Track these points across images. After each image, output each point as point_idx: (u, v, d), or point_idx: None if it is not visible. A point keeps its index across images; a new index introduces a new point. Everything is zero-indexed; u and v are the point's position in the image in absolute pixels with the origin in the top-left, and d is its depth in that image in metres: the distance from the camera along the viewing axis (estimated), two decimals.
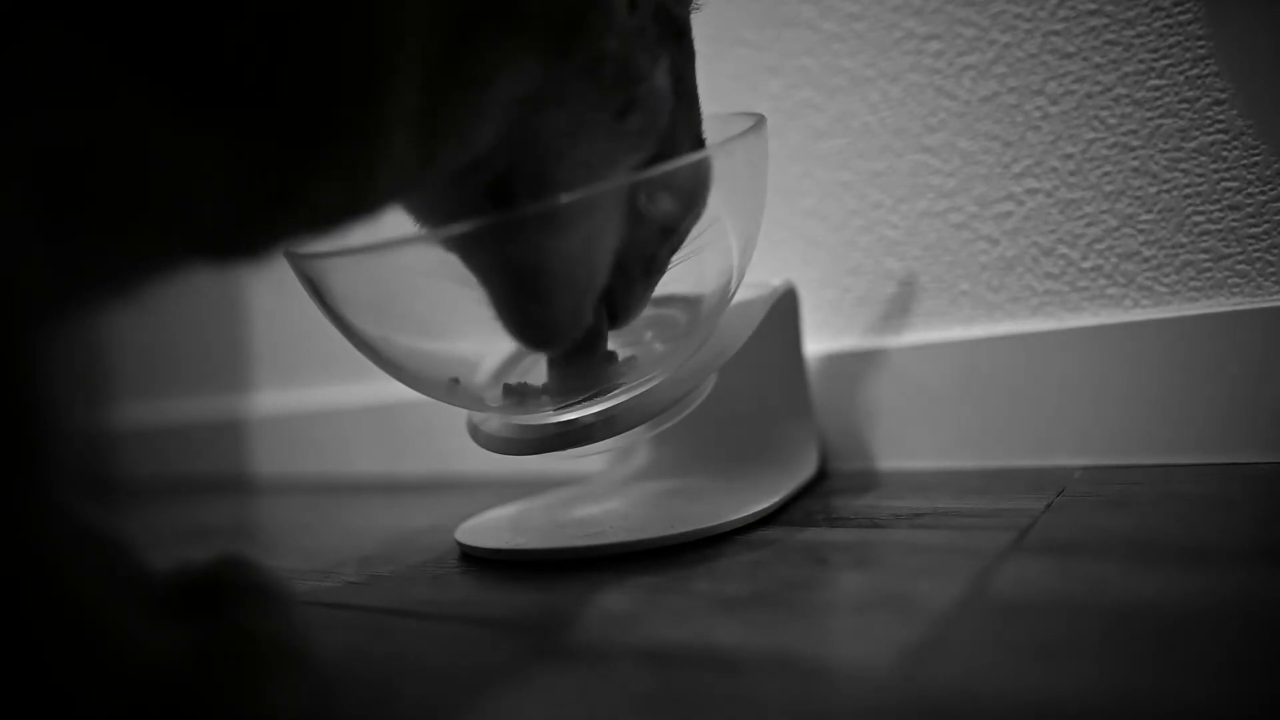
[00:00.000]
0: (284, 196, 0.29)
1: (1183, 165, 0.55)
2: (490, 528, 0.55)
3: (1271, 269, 0.53)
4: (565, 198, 0.38)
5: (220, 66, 0.26)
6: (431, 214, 0.41)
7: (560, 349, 0.44)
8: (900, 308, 0.64)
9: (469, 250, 0.39)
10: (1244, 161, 0.53)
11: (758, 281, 0.58)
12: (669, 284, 0.50)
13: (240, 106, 0.26)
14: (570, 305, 0.41)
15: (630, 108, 0.39)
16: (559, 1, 0.35)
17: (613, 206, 0.40)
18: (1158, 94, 0.55)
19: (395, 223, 0.42)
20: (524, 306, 0.40)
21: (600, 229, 0.40)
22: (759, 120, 0.48)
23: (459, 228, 0.37)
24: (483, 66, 0.33)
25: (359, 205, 0.32)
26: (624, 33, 0.38)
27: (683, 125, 0.43)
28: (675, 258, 0.46)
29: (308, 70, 0.27)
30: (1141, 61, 0.55)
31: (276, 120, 0.27)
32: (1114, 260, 0.57)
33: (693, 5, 0.43)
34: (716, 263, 0.48)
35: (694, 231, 0.45)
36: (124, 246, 0.27)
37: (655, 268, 0.45)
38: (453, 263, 0.40)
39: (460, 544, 0.53)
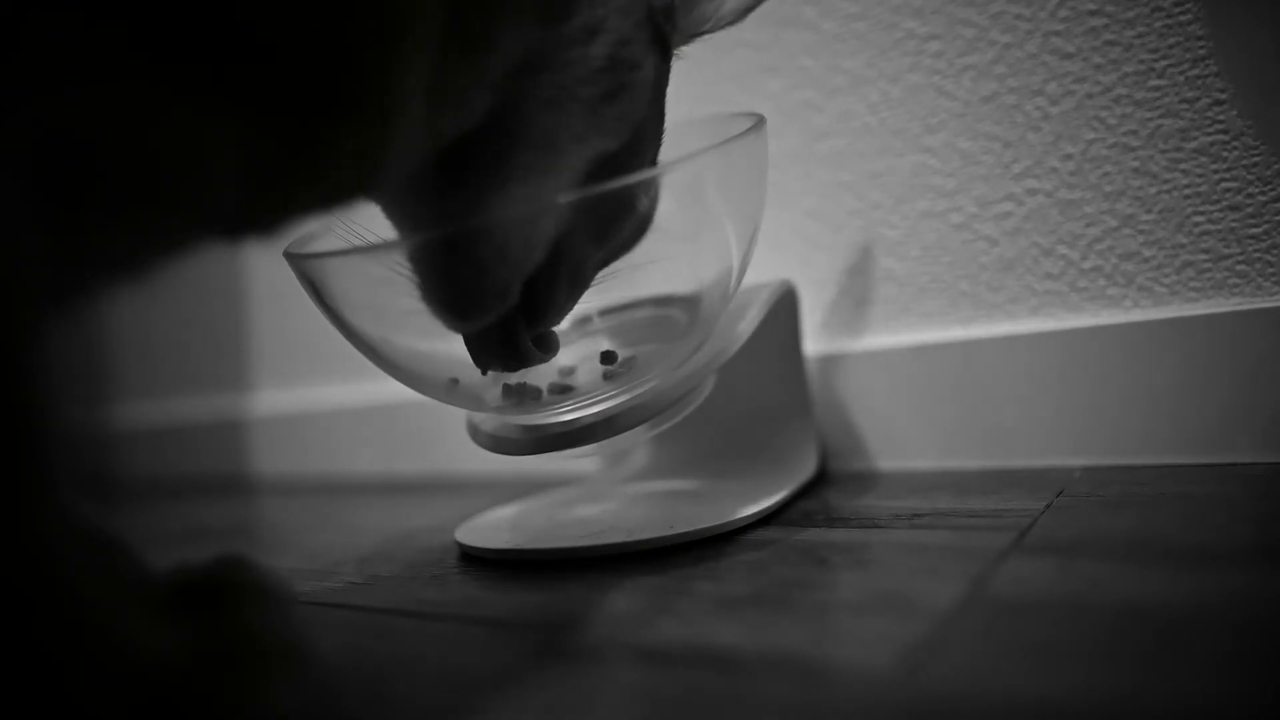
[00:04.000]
0: (300, 174, 0.29)
1: (1183, 165, 0.55)
2: (490, 528, 0.55)
3: (1271, 269, 0.53)
4: (563, 197, 0.38)
5: (234, 45, 0.26)
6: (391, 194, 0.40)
7: (480, 323, 0.41)
8: (900, 308, 0.64)
9: (404, 209, 0.39)
10: (1244, 162, 0.53)
11: (758, 282, 0.58)
12: (669, 284, 0.50)
13: (255, 85, 0.26)
14: (502, 278, 0.39)
15: (618, 92, 0.38)
16: None
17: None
18: (1158, 94, 0.55)
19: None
20: (457, 271, 0.38)
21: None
22: (759, 120, 0.48)
23: (459, 226, 0.37)
24: (487, 30, 0.33)
25: (371, 180, 0.32)
26: (622, 13, 0.38)
27: (651, 136, 0.43)
28: (604, 272, 0.44)
29: (323, 46, 0.27)
30: (1141, 62, 0.55)
31: (293, 98, 0.27)
32: (1114, 260, 0.57)
33: (679, 37, 0.43)
34: (716, 262, 0.48)
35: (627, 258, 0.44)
36: (136, 226, 0.27)
37: (582, 277, 0.43)
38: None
39: (460, 544, 0.53)
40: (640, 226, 0.43)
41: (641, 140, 0.41)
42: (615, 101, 0.39)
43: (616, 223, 0.42)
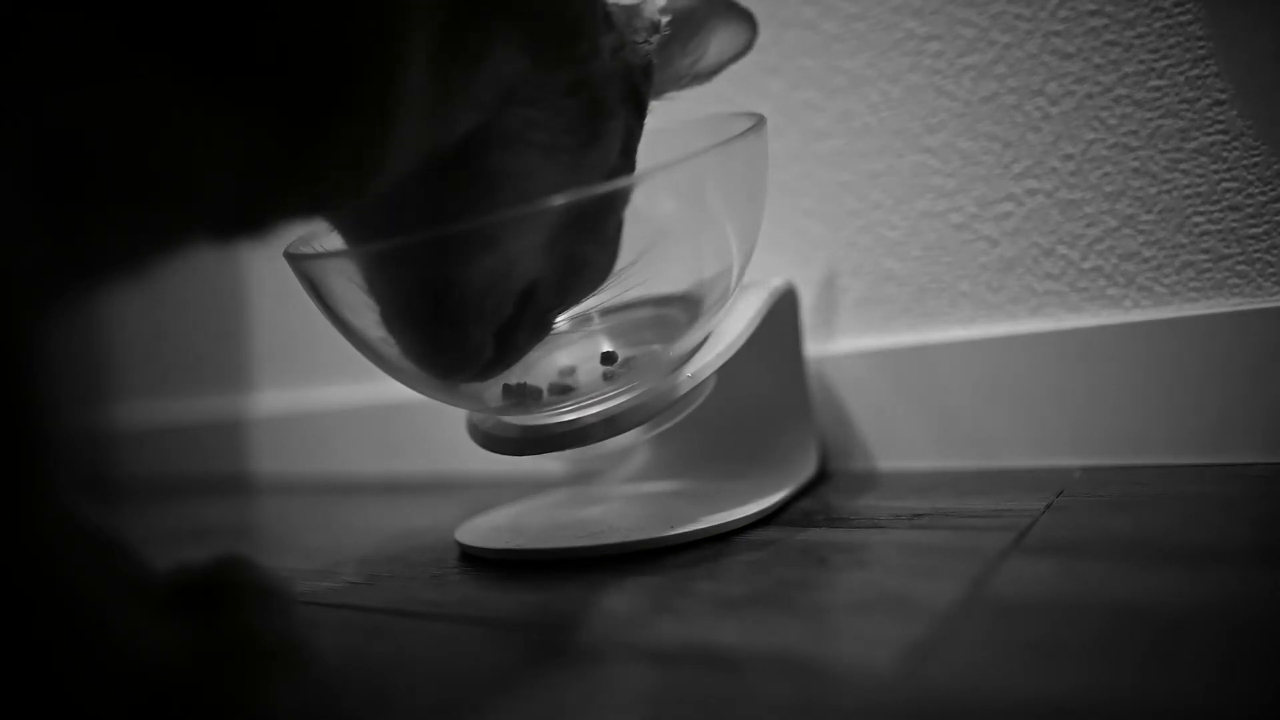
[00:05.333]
0: (299, 174, 0.29)
1: (1183, 166, 0.55)
2: (490, 528, 0.55)
3: (1271, 269, 0.53)
4: (559, 198, 0.38)
5: (235, 45, 0.26)
6: (356, 225, 0.40)
7: (467, 379, 0.43)
8: (900, 308, 0.64)
9: (391, 267, 0.39)
10: (1244, 162, 0.53)
11: (757, 281, 0.58)
12: (669, 284, 0.50)
13: (255, 87, 0.26)
14: (478, 338, 0.41)
15: (594, 139, 0.39)
16: (551, 6, 0.36)
17: (542, 233, 0.40)
18: (1158, 95, 0.55)
19: None
20: (439, 334, 0.40)
21: (529, 250, 0.40)
22: (759, 120, 0.48)
23: (451, 229, 0.37)
24: (477, 40, 0.33)
25: (369, 182, 0.32)
26: (605, 69, 0.39)
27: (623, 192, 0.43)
28: (562, 317, 0.46)
29: (323, 48, 0.27)
30: (1141, 62, 0.55)
31: (292, 100, 0.27)
32: (1114, 261, 0.57)
33: (652, 91, 0.44)
34: (716, 262, 0.48)
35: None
36: (135, 226, 0.27)
37: (543, 327, 0.44)
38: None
39: (460, 544, 0.53)
40: (600, 276, 0.44)
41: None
42: (592, 148, 0.40)
43: (581, 273, 0.43)
